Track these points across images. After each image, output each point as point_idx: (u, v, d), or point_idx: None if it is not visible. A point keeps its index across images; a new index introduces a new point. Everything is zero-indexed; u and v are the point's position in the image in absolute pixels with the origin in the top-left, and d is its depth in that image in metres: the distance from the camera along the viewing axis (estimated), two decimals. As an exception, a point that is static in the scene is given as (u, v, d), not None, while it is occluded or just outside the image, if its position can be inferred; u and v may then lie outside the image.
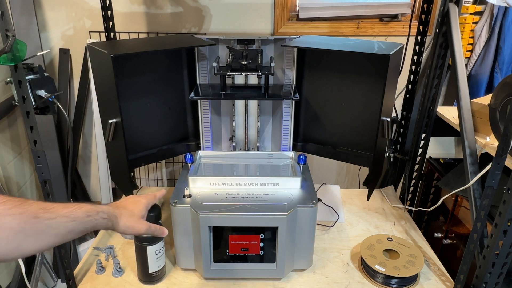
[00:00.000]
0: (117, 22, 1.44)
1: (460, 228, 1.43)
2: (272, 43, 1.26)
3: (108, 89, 1.08)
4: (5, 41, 0.85)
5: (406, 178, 1.56)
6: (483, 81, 1.86)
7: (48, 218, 0.62)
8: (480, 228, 0.97)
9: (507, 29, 1.76)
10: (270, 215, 1.03)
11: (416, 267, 1.10)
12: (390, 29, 1.90)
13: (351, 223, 1.39)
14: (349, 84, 1.24)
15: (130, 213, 0.78)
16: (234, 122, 1.33)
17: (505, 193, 0.85)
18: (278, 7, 1.83)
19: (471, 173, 1.11)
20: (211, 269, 1.09)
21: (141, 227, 0.78)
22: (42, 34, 1.85)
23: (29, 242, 0.60)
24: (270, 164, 1.28)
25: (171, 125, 1.32)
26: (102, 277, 1.14)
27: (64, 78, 1.90)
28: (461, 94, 1.19)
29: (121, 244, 1.27)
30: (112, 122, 1.10)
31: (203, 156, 1.31)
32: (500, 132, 1.04)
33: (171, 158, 1.96)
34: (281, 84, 1.31)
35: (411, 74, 1.45)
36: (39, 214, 0.61)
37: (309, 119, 1.34)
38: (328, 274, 1.15)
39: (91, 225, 0.69)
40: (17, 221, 0.58)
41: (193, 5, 1.83)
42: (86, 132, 2.05)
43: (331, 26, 1.89)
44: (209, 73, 1.29)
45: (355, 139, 1.28)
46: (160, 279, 1.12)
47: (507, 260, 0.92)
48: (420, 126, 1.44)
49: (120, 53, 1.06)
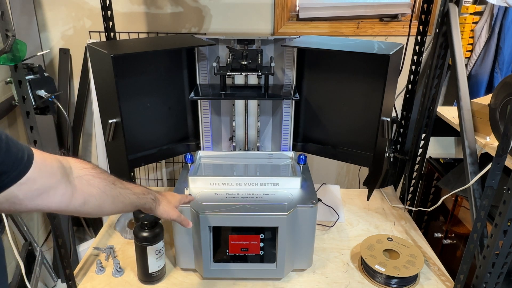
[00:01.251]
0: (117, 22, 1.43)
1: (460, 228, 1.43)
2: (272, 43, 1.26)
3: (108, 89, 1.08)
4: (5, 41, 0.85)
5: (406, 178, 1.56)
6: (483, 81, 1.86)
7: (120, 187, 0.77)
8: (480, 228, 0.97)
9: (507, 29, 1.76)
10: (270, 215, 1.03)
11: (416, 267, 1.10)
12: (390, 29, 1.90)
13: (351, 223, 1.39)
14: (349, 84, 1.24)
15: (168, 201, 0.92)
16: (234, 122, 1.33)
17: (505, 193, 0.85)
18: (278, 7, 1.83)
19: (471, 173, 1.11)
20: (211, 269, 1.09)
21: (174, 213, 0.91)
22: (42, 34, 1.85)
23: (107, 203, 0.74)
24: (270, 164, 1.28)
25: (171, 125, 1.32)
26: (102, 277, 1.14)
27: (64, 78, 1.90)
28: (461, 94, 1.19)
29: (121, 244, 1.27)
30: (112, 122, 1.10)
31: (203, 156, 1.31)
32: (500, 132, 1.04)
33: (171, 158, 1.96)
34: (281, 84, 1.31)
35: (411, 74, 1.45)
36: (115, 182, 0.76)
37: (309, 119, 1.34)
38: (328, 274, 1.15)
39: (143, 202, 0.82)
40: (103, 183, 0.73)
41: (193, 5, 1.83)
42: (86, 132, 2.05)
43: (331, 26, 1.89)
44: (209, 73, 1.29)
45: (355, 139, 1.28)
46: (160, 279, 1.12)
47: (507, 260, 0.92)
48: (420, 126, 1.44)
49: (120, 53, 1.06)
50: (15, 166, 0.56)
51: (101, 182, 0.73)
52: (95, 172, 0.73)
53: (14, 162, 0.56)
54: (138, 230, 1.05)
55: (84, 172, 0.71)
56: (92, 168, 0.73)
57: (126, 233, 1.30)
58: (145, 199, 0.83)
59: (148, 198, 0.84)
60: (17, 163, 0.57)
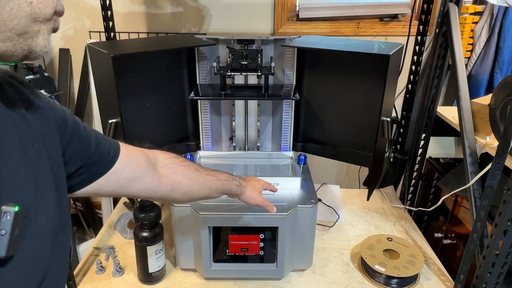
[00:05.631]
0: (117, 22, 1.44)
1: (460, 228, 1.43)
2: (272, 43, 1.26)
3: (108, 89, 1.08)
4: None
5: (406, 178, 1.55)
6: (483, 81, 1.86)
7: (204, 174, 0.80)
8: (480, 228, 0.97)
9: (507, 29, 1.76)
10: (270, 215, 1.03)
11: (416, 267, 1.10)
12: (390, 29, 1.90)
13: (351, 223, 1.39)
14: (349, 84, 1.24)
15: (253, 187, 0.92)
16: (234, 122, 1.33)
17: (505, 193, 0.85)
18: (278, 7, 1.83)
19: (471, 173, 1.11)
20: (211, 269, 1.09)
21: (259, 199, 0.91)
22: (42, 34, 1.85)
23: (194, 189, 0.78)
24: (270, 164, 1.28)
25: (171, 125, 1.32)
26: (102, 277, 1.14)
27: (64, 78, 1.91)
28: (461, 94, 1.19)
29: (121, 244, 1.27)
30: (112, 122, 1.11)
31: (203, 156, 1.31)
32: (500, 132, 1.04)
33: (171, 158, 1.95)
34: (281, 84, 1.31)
35: (411, 74, 1.45)
36: (199, 169, 0.80)
37: (309, 119, 1.34)
38: (328, 274, 1.15)
39: (229, 188, 0.84)
40: (188, 170, 0.78)
41: (193, 5, 1.83)
42: (86, 132, 2.04)
43: (331, 26, 1.89)
44: (209, 73, 1.29)
45: (355, 139, 1.28)
46: (160, 279, 1.12)
47: (507, 260, 0.92)
48: (420, 126, 1.44)
49: (120, 53, 1.06)
50: (103, 158, 0.64)
51: (186, 169, 0.77)
52: (178, 160, 0.78)
53: (103, 155, 0.64)
54: (138, 230, 1.05)
55: (169, 161, 0.77)
56: (176, 157, 0.78)
57: (126, 233, 1.30)
58: (230, 185, 0.84)
59: (233, 184, 0.85)
60: (105, 155, 0.65)
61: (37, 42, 0.47)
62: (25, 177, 0.47)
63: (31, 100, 0.54)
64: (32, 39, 0.46)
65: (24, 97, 0.53)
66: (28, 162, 0.49)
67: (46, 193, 0.51)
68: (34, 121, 0.52)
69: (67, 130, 0.59)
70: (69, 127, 0.59)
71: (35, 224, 0.48)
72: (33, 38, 0.46)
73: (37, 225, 0.48)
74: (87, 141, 0.62)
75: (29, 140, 0.50)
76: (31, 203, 0.47)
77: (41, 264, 0.50)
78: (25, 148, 0.49)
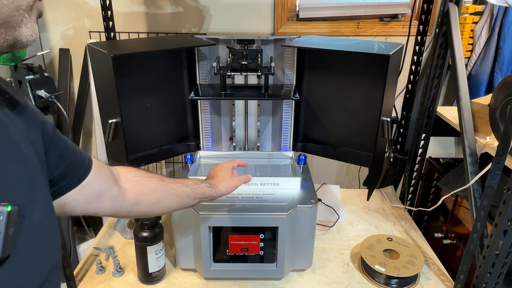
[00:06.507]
0: (117, 22, 1.43)
1: (460, 228, 1.43)
2: (272, 43, 1.26)
3: (108, 89, 1.08)
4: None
5: (406, 178, 1.56)
6: (483, 81, 1.86)
7: (170, 182, 0.79)
8: (480, 228, 0.97)
9: (507, 29, 1.76)
10: (270, 215, 1.03)
11: (416, 267, 1.10)
12: (390, 29, 1.90)
13: (351, 223, 1.39)
14: (349, 84, 1.24)
15: (222, 178, 0.90)
16: (234, 122, 1.33)
17: (505, 193, 0.85)
18: (278, 7, 1.83)
19: (471, 173, 1.11)
20: (211, 269, 1.09)
21: (236, 183, 0.90)
22: (42, 34, 1.85)
23: (161, 199, 0.77)
24: (270, 164, 1.28)
25: (171, 125, 1.32)
26: (102, 277, 1.14)
27: (64, 78, 1.90)
28: (461, 94, 1.19)
29: (121, 244, 1.27)
30: (112, 122, 1.10)
31: (203, 156, 1.31)
32: (500, 132, 1.04)
33: (171, 158, 1.96)
34: (281, 84, 1.31)
35: (411, 74, 1.45)
36: (164, 179, 0.79)
37: (309, 119, 1.34)
38: (328, 274, 1.15)
39: (201, 191, 0.83)
40: (152, 181, 0.77)
41: (193, 5, 1.83)
42: (86, 132, 2.05)
43: (331, 26, 1.89)
44: (209, 73, 1.29)
45: (355, 139, 1.28)
46: (160, 279, 1.12)
47: (507, 260, 0.92)
48: (420, 126, 1.44)
49: (120, 53, 1.06)
50: (77, 169, 0.64)
51: (150, 180, 0.77)
52: (141, 173, 0.78)
53: (77, 165, 0.64)
54: (138, 230, 1.05)
55: (131, 175, 0.76)
56: (138, 170, 0.78)
57: (126, 233, 1.30)
58: (201, 188, 0.84)
59: (204, 186, 0.85)
60: (79, 166, 0.64)
61: (21, 32, 0.46)
62: (17, 174, 0.47)
63: (15, 99, 0.53)
64: (15, 29, 0.45)
65: (7, 97, 0.52)
66: (19, 159, 0.48)
67: (40, 189, 0.51)
68: (19, 121, 0.52)
69: (48, 132, 0.58)
70: (49, 130, 0.59)
71: (31, 221, 0.47)
72: (17, 28, 0.45)
73: (33, 222, 0.48)
74: (65, 149, 0.62)
75: (18, 138, 0.50)
76: (25, 201, 0.47)
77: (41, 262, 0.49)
78: (15, 145, 0.48)
